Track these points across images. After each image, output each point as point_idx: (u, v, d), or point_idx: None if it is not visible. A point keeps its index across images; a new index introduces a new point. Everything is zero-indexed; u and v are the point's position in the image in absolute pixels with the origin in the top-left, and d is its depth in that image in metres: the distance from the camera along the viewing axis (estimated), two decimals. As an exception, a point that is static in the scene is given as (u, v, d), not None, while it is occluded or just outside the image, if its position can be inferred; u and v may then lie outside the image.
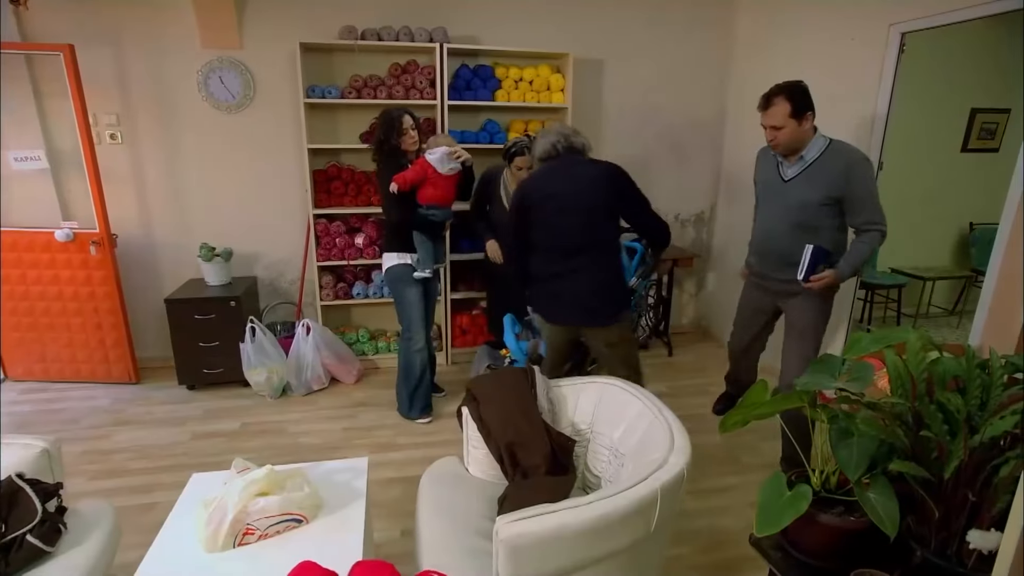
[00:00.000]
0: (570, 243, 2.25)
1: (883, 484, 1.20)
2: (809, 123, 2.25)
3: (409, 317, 2.92)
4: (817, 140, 2.28)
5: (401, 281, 2.88)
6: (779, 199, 2.39)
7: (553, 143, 2.30)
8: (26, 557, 1.47)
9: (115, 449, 2.76)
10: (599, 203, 2.23)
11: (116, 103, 3.33)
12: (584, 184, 2.23)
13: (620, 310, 2.36)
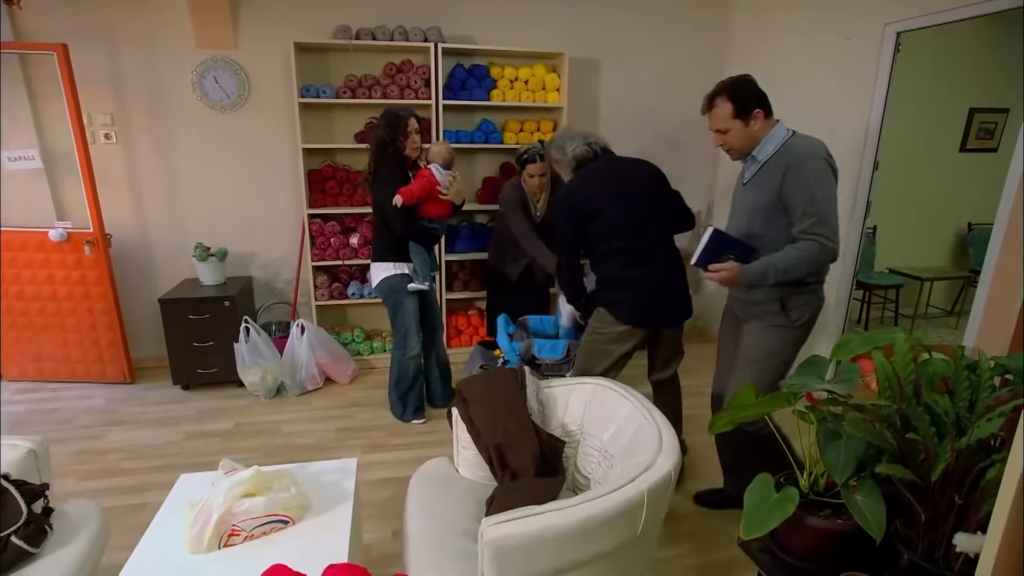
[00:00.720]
0: (646, 243, 2.16)
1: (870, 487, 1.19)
2: (759, 121, 1.96)
3: (406, 326, 2.88)
4: (773, 137, 1.96)
5: (398, 291, 2.82)
6: (736, 205, 2.13)
7: (589, 145, 2.25)
8: (10, 559, 1.46)
9: (108, 449, 2.75)
10: (660, 198, 2.21)
11: (110, 103, 3.32)
12: (643, 181, 2.20)
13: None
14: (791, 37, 3.43)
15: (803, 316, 1.99)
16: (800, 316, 1.99)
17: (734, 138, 2.00)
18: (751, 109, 1.95)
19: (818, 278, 1.98)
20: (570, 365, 2.68)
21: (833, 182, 1.88)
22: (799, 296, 1.96)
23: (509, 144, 3.62)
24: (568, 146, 2.26)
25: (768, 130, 1.97)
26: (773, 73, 3.58)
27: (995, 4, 2.33)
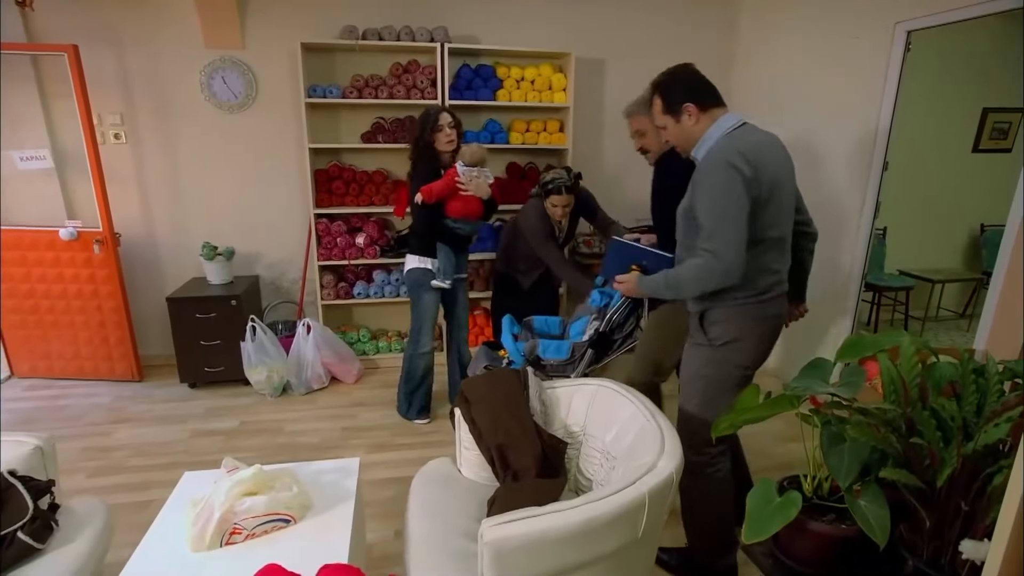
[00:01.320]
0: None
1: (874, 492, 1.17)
2: (692, 117, 1.74)
3: (420, 321, 2.90)
4: (712, 135, 1.72)
5: (420, 285, 2.85)
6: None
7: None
8: (16, 554, 1.47)
9: (115, 446, 2.78)
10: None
11: (120, 103, 3.35)
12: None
13: None
14: (798, 36, 3.40)
15: (724, 335, 1.74)
16: (720, 335, 1.75)
17: (670, 136, 1.81)
18: (678, 104, 1.75)
19: (750, 292, 1.71)
20: (574, 366, 2.67)
21: (734, 192, 1.58)
22: (719, 310, 1.74)
23: (515, 144, 3.61)
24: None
25: (707, 125, 1.73)
26: (779, 73, 3.57)
27: (1008, 2, 2.30)
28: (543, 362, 2.66)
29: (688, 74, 1.81)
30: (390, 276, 3.68)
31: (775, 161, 1.67)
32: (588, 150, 3.87)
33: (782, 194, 1.68)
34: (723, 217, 1.59)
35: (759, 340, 1.77)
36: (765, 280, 1.71)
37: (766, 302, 1.73)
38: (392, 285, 3.67)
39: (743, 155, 1.60)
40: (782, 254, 1.75)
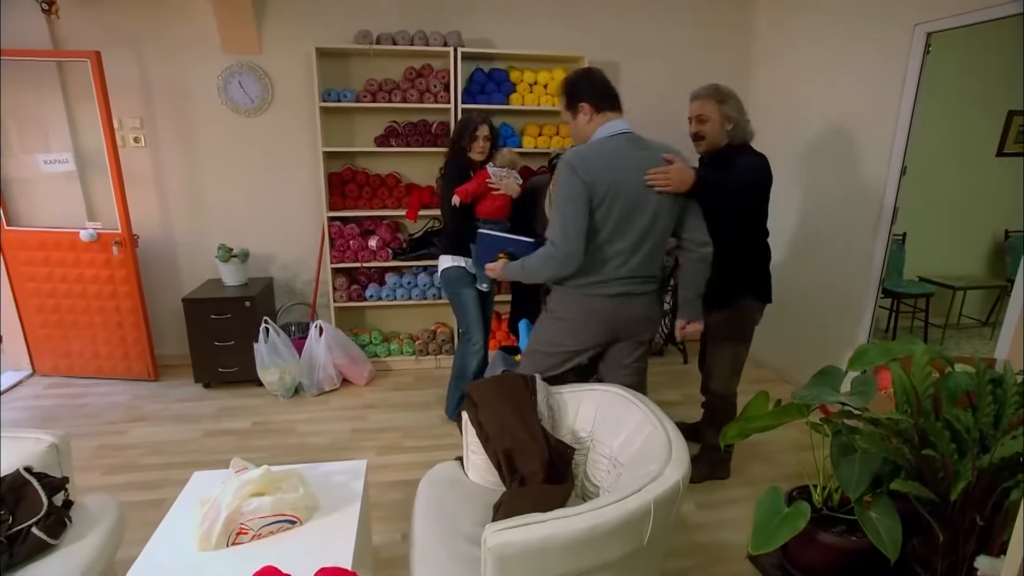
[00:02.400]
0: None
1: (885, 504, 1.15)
2: (585, 115, 1.89)
3: (467, 318, 2.86)
4: (598, 135, 1.89)
5: (457, 282, 2.83)
6: None
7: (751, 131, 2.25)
8: (30, 549, 1.50)
9: (130, 445, 2.82)
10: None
11: (140, 107, 3.42)
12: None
13: None
14: (815, 39, 3.35)
15: (559, 310, 2.02)
16: (555, 309, 2.03)
17: (571, 131, 2.00)
18: (576, 102, 1.91)
19: (580, 282, 1.92)
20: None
21: (567, 187, 1.80)
22: (556, 289, 2.01)
23: (528, 148, 3.61)
24: (747, 125, 2.23)
25: (596, 126, 1.89)
26: (796, 75, 3.53)
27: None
28: None
29: (591, 78, 1.95)
30: (402, 279, 3.69)
31: (620, 171, 1.83)
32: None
33: (623, 204, 1.84)
34: (562, 213, 1.82)
35: (579, 326, 1.99)
36: (597, 276, 1.91)
37: (592, 296, 1.94)
38: (404, 288, 3.69)
39: (583, 160, 1.80)
40: (626, 260, 1.91)
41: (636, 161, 1.86)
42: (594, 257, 1.89)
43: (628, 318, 2.00)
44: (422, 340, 3.79)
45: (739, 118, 2.22)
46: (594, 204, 1.81)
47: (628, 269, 1.92)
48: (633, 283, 1.95)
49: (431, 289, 3.69)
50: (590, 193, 1.79)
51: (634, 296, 1.97)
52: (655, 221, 1.90)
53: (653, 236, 1.92)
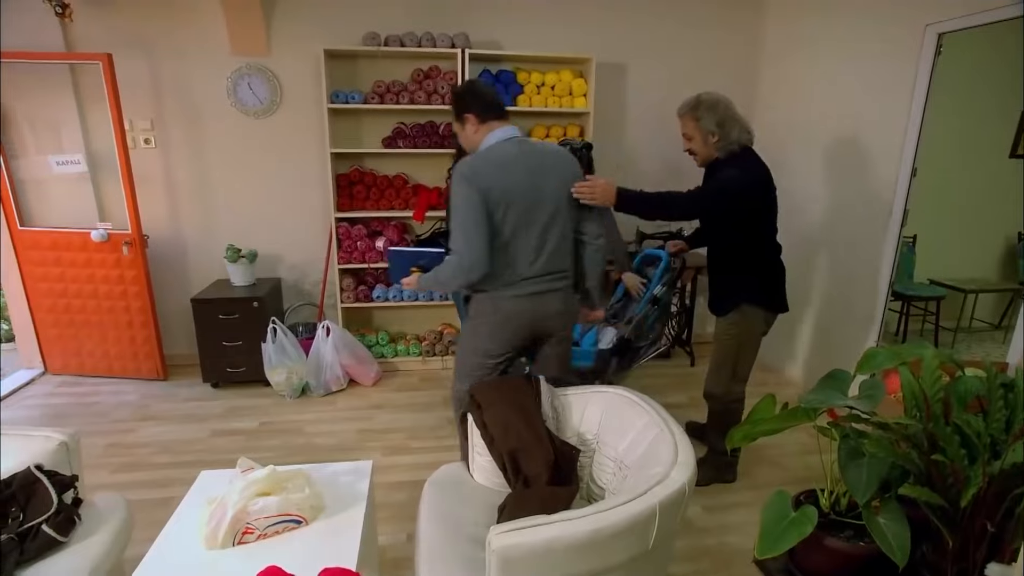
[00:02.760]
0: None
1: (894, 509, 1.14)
2: (472, 125, 1.99)
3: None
4: (486, 143, 1.98)
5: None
6: None
7: (750, 133, 2.23)
8: (40, 546, 1.51)
9: (139, 443, 2.85)
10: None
11: (151, 109, 3.45)
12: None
13: None
14: (824, 38, 3.33)
15: (478, 317, 2.08)
16: (475, 316, 2.10)
17: (460, 139, 2.08)
18: (462, 113, 2.00)
19: (490, 287, 1.99)
20: (598, 374, 2.64)
21: (464, 198, 1.86)
22: (476, 300, 2.08)
23: (535, 149, 3.61)
24: (734, 131, 2.19)
25: (483, 135, 1.98)
26: (805, 75, 3.50)
27: (1045, 3, 2.22)
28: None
29: (474, 90, 2.04)
30: (409, 280, 3.70)
31: (513, 176, 1.90)
32: (608, 153, 3.85)
33: (520, 207, 1.91)
34: (462, 222, 1.87)
35: (499, 330, 2.05)
36: (504, 279, 1.98)
37: (507, 299, 2.00)
38: (411, 289, 3.69)
39: (475, 170, 1.88)
40: (534, 260, 1.97)
41: (527, 165, 1.93)
42: (502, 261, 1.95)
43: (544, 315, 2.06)
44: (429, 341, 3.80)
45: (722, 130, 2.20)
46: (491, 209, 1.88)
47: (537, 268, 1.98)
48: (544, 281, 2.01)
49: (438, 290, 3.70)
50: (486, 200, 1.86)
51: (547, 293, 2.03)
52: (555, 218, 1.97)
53: (556, 233, 1.99)
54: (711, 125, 2.19)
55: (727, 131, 2.18)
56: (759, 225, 2.28)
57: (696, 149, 2.28)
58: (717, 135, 2.19)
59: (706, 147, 2.24)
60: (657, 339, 2.69)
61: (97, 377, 3.58)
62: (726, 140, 2.19)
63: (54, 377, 3.62)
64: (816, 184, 3.45)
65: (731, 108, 2.21)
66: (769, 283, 2.36)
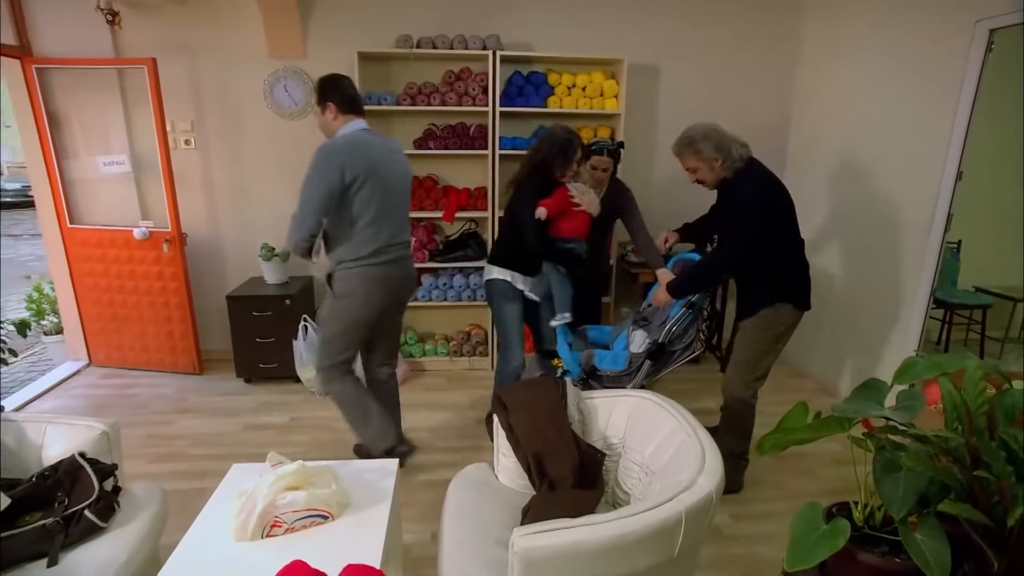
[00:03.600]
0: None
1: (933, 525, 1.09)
2: (331, 113, 2.29)
3: (506, 334, 2.76)
4: (342, 131, 2.29)
5: (502, 296, 2.71)
6: None
7: (744, 146, 2.29)
8: (83, 530, 1.57)
9: (175, 435, 2.94)
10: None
11: (191, 111, 3.56)
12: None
13: None
14: (866, 38, 3.23)
15: (345, 290, 2.34)
16: (343, 290, 2.35)
17: (319, 122, 2.38)
18: (325, 100, 2.29)
19: (356, 258, 2.28)
20: (631, 377, 2.61)
21: (321, 171, 2.16)
22: (338, 272, 2.36)
23: (565, 151, 3.59)
24: (733, 148, 2.24)
25: (340, 124, 2.30)
26: (845, 76, 3.41)
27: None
28: (599, 372, 2.62)
29: (340, 85, 2.32)
30: (438, 280, 3.73)
31: (372, 158, 2.24)
32: (639, 157, 3.82)
33: (380, 185, 2.25)
34: (306, 194, 2.19)
35: (367, 298, 2.35)
36: (367, 249, 2.28)
37: (373, 266, 2.31)
38: (440, 289, 3.72)
39: (336, 148, 2.20)
40: (393, 231, 2.34)
41: (383, 151, 2.32)
42: (365, 233, 2.26)
43: (402, 279, 2.45)
44: (457, 341, 3.82)
45: (723, 153, 2.25)
46: (346, 183, 2.18)
47: (394, 238, 2.35)
48: (399, 248, 2.40)
49: (466, 291, 3.72)
50: (346, 176, 2.17)
51: (401, 260, 2.41)
52: (403, 195, 2.42)
53: (404, 208, 2.44)
54: (712, 152, 2.24)
55: (728, 152, 2.24)
56: (783, 227, 2.32)
57: (703, 177, 2.34)
58: (720, 158, 2.25)
59: (713, 173, 2.29)
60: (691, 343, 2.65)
61: (137, 370, 3.71)
62: (730, 160, 2.25)
63: (97, 369, 3.76)
64: (854, 186, 3.35)
65: (720, 131, 2.27)
66: (797, 279, 2.38)
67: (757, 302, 2.36)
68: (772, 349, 2.40)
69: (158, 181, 3.39)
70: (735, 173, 2.27)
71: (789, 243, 2.35)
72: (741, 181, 2.27)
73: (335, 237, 2.32)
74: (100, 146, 3.55)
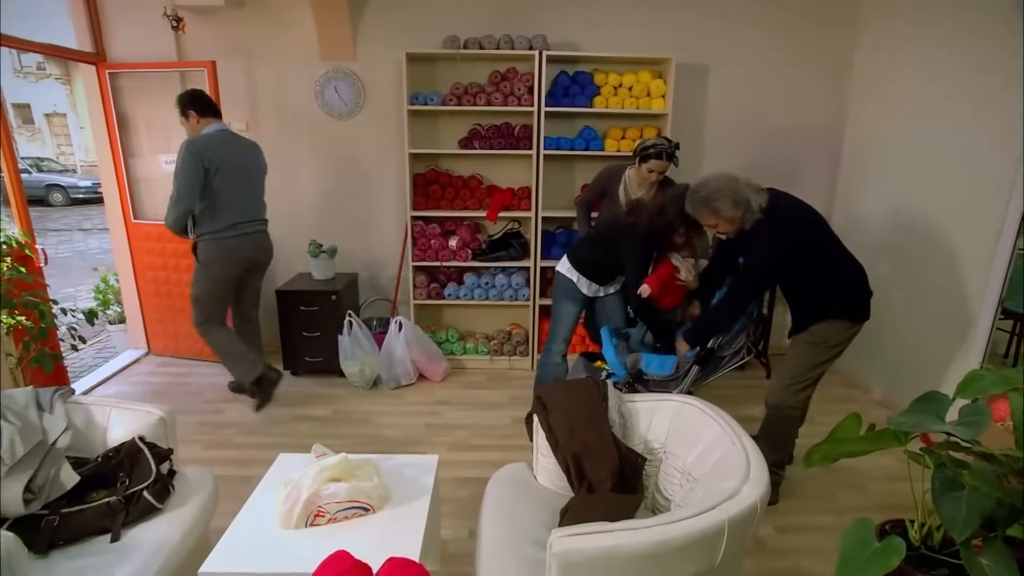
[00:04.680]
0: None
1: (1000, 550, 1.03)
2: (193, 119, 2.92)
3: (554, 328, 2.85)
4: (205, 131, 2.91)
5: (564, 292, 2.77)
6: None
7: (761, 189, 2.23)
8: (142, 510, 1.66)
9: (225, 423, 3.06)
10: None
11: (247, 111, 3.70)
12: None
13: None
14: (928, 32, 3.07)
15: (209, 258, 2.97)
16: (206, 259, 2.97)
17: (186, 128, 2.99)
18: (187, 110, 2.91)
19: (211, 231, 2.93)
20: (678, 382, 2.57)
21: (187, 162, 2.78)
22: (204, 245, 2.95)
23: (610, 151, 3.56)
24: (752, 200, 2.16)
25: (202, 127, 2.92)
26: (905, 74, 3.25)
27: None
28: (646, 376, 2.58)
29: (198, 97, 2.96)
30: (480, 279, 3.76)
31: (226, 151, 2.91)
32: (686, 157, 3.73)
33: (232, 171, 2.91)
34: (186, 176, 2.78)
35: (227, 263, 3.02)
36: (224, 223, 2.93)
37: (230, 237, 2.96)
38: (482, 288, 3.75)
39: (196, 144, 2.82)
40: (247, 212, 3.03)
41: (238, 146, 3.01)
42: (224, 210, 2.91)
43: (254, 247, 3.11)
44: (497, 340, 3.84)
45: (743, 209, 2.16)
46: (208, 171, 2.81)
47: (249, 216, 3.04)
48: (254, 224, 3.08)
49: (508, 290, 3.73)
50: (204, 164, 2.80)
51: (254, 233, 3.09)
52: (256, 180, 3.11)
53: (258, 192, 3.13)
54: (731, 210, 2.16)
55: (747, 205, 2.16)
56: (819, 253, 2.23)
57: (724, 231, 2.27)
58: (740, 213, 2.17)
59: (734, 225, 2.22)
60: (740, 349, 2.58)
61: (191, 360, 3.88)
62: (750, 212, 2.17)
63: (156, 357, 3.96)
64: (913, 189, 3.19)
65: (735, 183, 2.17)
66: (850, 292, 2.28)
67: (808, 317, 2.29)
68: (825, 360, 2.31)
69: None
70: (754, 223, 2.18)
71: (829, 261, 2.25)
72: (758, 234, 2.19)
73: (199, 213, 2.90)
74: (162, 145, 3.73)
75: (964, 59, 2.86)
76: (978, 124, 2.79)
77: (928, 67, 3.10)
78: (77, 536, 1.57)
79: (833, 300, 2.25)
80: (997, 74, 2.67)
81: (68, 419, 1.80)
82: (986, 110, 2.74)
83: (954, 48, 2.93)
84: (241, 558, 1.46)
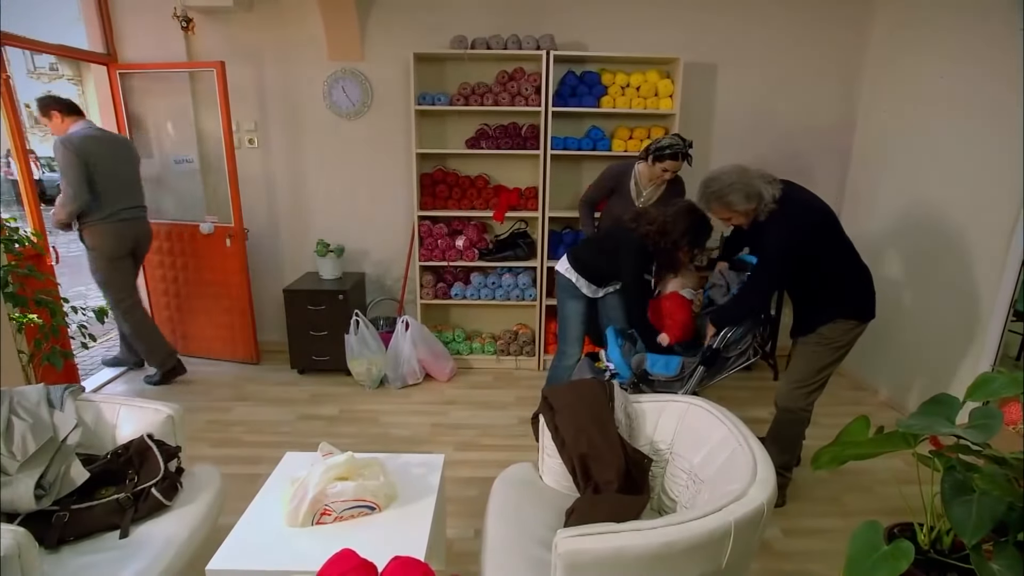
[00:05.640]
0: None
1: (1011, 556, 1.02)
2: (58, 119, 3.08)
3: (564, 331, 2.83)
4: (73, 130, 3.08)
5: (565, 292, 2.77)
6: None
7: (774, 179, 2.22)
8: (150, 507, 1.67)
9: (233, 421, 3.08)
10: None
11: (255, 111, 3.72)
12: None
13: None
14: (941, 33, 3.04)
15: (95, 243, 3.19)
16: (93, 244, 3.20)
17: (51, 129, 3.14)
18: (49, 111, 3.07)
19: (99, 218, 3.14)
20: (683, 383, 2.56)
21: (70, 160, 2.96)
22: (90, 230, 3.17)
23: (618, 151, 3.56)
24: (764, 191, 2.16)
25: (68, 125, 3.09)
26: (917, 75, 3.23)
27: None
28: (651, 376, 2.57)
29: (59, 99, 3.14)
30: (487, 279, 3.76)
31: (99, 146, 3.11)
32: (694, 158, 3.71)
33: (108, 164, 3.13)
34: (74, 175, 2.97)
35: (114, 244, 3.23)
36: (107, 211, 3.14)
37: (115, 222, 3.19)
38: (488, 288, 3.75)
39: (71, 142, 2.98)
40: (126, 199, 3.26)
41: (109, 140, 3.22)
42: (105, 199, 3.12)
43: (138, 230, 3.34)
44: (503, 340, 3.84)
45: (756, 201, 2.16)
46: (88, 164, 3.01)
47: (129, 203, 3.25)
48: (134, 211, 3.30)
49: (515, 290, 3.73)
50: (83, 159, 2.99)
51: (134, 219, 3.31)
52: (134, 172, 3.33)
53: (134, 179, 3.33)
54: (744, 203, 2.17)
55: (760, 197, 2.16)
56: (832, 248, 2.22)
57: (738, 223, 2.28)
58: (754, 205, 2.17)
59: (748, 217, 2.23)
60: (747, 350, 2.57)
61: (199, 358, 3.90)
62: (763, 204, 2.16)
63: (165, 356, 3.97)
64: (924, 190, 3.16)
65: (745, 175, 2.17)
66: (857, 291, 2.27)
67: (815, 318, 2.28)
68: (832, 361, 2.30)
69: (223, 178, 3.56)
70: (768, 215, 2.17)
71: (840, 259, 2.25)
72: (772, 225, 2.17)
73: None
74: (172, 145, 3.76)
75: (976, 59, 2.84)
76: (990, 124, 2.76)
77: (940, 66, 3.07)
78: (87, 532, 1.58)
79: (842, 298, 2.24)
80: (1009, 75, 2.64)
81: (78, 416, 1.81)
82: (998, 110, 2.71)
83: (966, 47, 2.90)
84: (248, 555, 1.46)
